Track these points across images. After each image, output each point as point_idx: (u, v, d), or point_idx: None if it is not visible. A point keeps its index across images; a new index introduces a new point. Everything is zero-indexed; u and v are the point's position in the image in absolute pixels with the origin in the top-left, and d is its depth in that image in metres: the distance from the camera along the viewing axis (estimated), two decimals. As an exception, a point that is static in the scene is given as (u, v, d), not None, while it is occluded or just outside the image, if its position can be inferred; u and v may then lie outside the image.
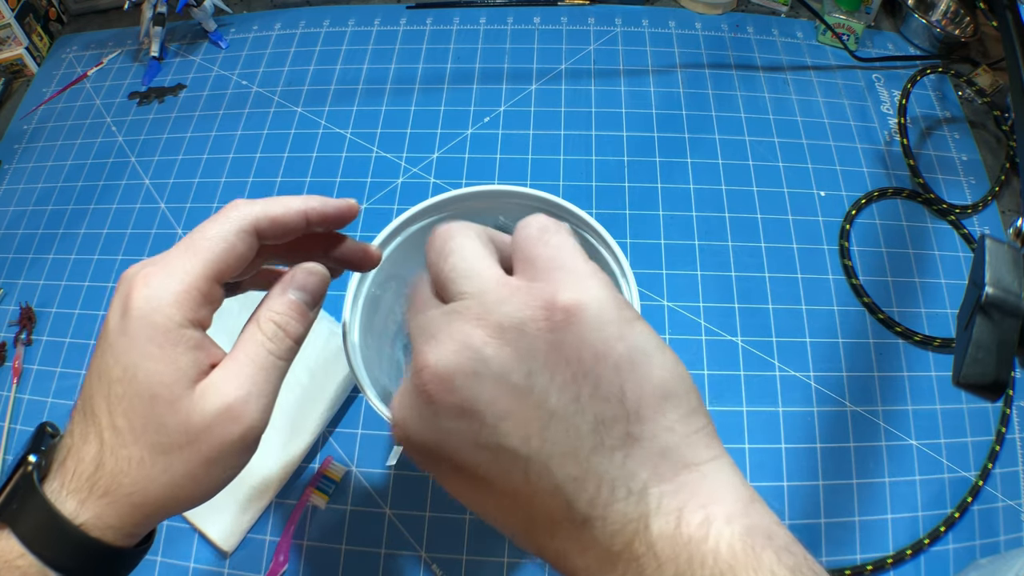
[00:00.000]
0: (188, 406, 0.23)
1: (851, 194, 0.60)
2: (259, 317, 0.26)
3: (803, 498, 0.47)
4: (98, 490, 0.23)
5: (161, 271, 0.24)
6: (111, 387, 0.23)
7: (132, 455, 0.23)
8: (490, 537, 0.46)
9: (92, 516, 0.23)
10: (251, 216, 0.26)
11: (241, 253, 0.25)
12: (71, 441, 0.24)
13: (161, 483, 0.23)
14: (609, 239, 0.38)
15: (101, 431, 0.23)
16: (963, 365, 0.29)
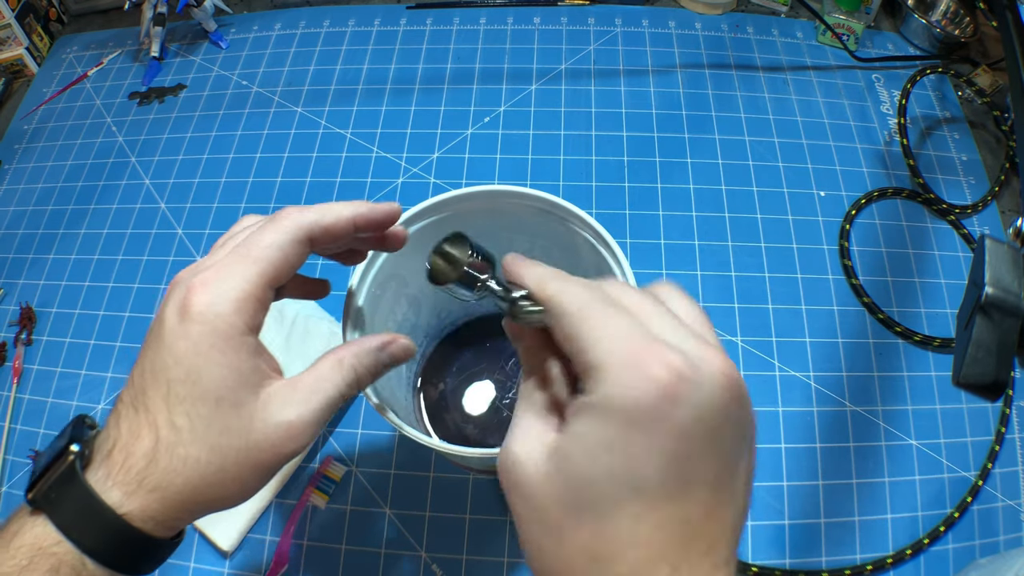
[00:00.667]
0: (251, 412, 0.24)
1: (851, 194, 0.60)
2: (343, 358, 0.27)
3: (803, 498, 0.47)
4: (148, 484, 0.23)
5: (219, 277, 0.25)
6: (170, 387, 0.24)
7: (190, 453, 0.23)
8: (490, 537, 0.46)
9: (137, 508, 0.23)
10: (305, 226, 0.26)
11: (293, 262, 0.26)
12: (118, 434, 0.24)
13: (211, 483, 0.24)
14: (609, 239, 0.37)
15: (157, 428, 0.24)
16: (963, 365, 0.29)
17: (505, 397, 0.49)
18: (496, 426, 0.48)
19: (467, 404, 0.49)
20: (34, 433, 0.52)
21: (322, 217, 0.27)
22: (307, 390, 0.26)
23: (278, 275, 0.26)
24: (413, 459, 0.49)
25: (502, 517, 0.47)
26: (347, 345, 0.28)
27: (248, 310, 0.25)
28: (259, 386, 0.25)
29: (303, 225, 0.26)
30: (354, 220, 0.28)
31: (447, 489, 0.48)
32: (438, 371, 0.50)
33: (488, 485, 0.48)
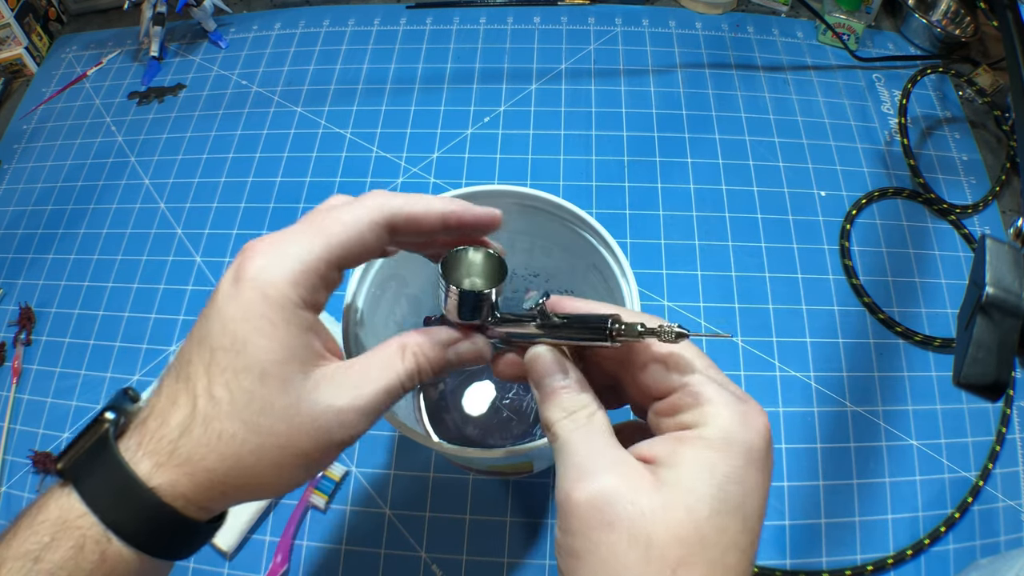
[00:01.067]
0: (299, 391, 0.22)
1: (851, 194, 0.60)
2: (407, 345, 0.25)
3: (803, 498, 0.47)
4: (178, 457, 0.21)
5: (281, 244, 0.23)
6: (213, 354, 0.22)
7: (226, 428, 0.21)
8: (490, 537, 0.46)
9: (166, 482, 0.21)
10: (389, 210, 0.24)
11: (369, 245, 0.24)
12: (156, 401, 0.22)
13: (246, 464, 0.22)
14: (609, 239, 0.37)
15: (195, 397, 0.22)
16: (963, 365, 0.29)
17: (505, 397, 0.49)
18: (496, 426, 0.48)
19: (467, 404, 0.49)
20: (33, 433, 0.52)
21: (410, 205, 0.24)
22: (364, 375, 0.23)
23: (347, 254, 0.23)
24: (413, 459, 0.49)
25: (502, 517, 0.47)
26: (413, 332, 0.25)
27: (306, 283, 0.22)
28: (311, 365, 0.23)
29: (386, 209, 0.24)
30: (444, 216, 0.25)
31: (447, 489, 0.48)
32: (438, 371, 0.50)
33: (488, 485, 0.48)
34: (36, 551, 0.20)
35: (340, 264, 0.24)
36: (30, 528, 0.21)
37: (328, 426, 0.22)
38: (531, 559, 0.46)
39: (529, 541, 0.46)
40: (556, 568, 0.45)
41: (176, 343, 0.55)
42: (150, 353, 0.55)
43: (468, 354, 0.26)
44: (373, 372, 0.24)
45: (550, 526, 0.47)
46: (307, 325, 0.23)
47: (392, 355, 0.24)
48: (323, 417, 0.22)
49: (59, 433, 0.52)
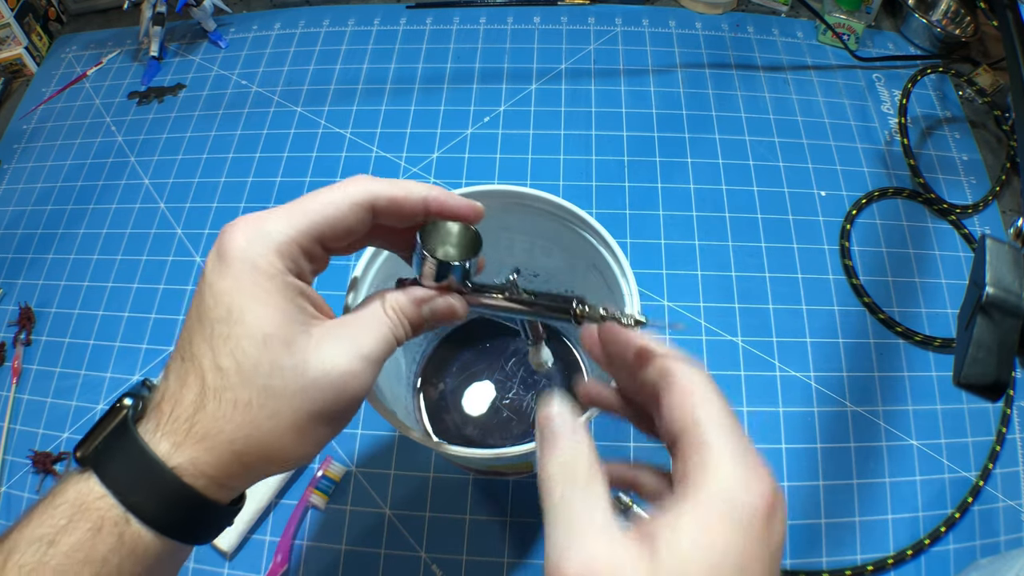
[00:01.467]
0: (305, 349, 0.22)
1: (851, 194, 0.60)
2: (386, 303, 0.25)
3: (803, 498, 0.47)
4: (196, 433, 0.21)
5: (262, 219, 0.23)
6: (213, 328, 0.22)
7: (239, 397, 0.22)
8: (490, 537, 0.46)
9: (187, 460, 0.21)
10: (370, 192, 0.25)
11: (350, 224, 0.25)
12: (166, 385, 0.23)
13: (265, 430, 0.22)
14: (609, 239, 0.37)
15: (203, 373, 0.22)
16: (964, 365, 0.29)
17: (505, 397, 0.49)
18: (496, 426, 0.48)
19: (467, 404, 0.49)
20: (33, 433, 0.52)
21: (392, 188, 0.25)
22: (360, 327, 0.24)
23: (329, 231, 0.24)
24: (413, 459, 0.49)
25: (502, 517, 0.47)
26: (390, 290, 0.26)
27: (289, 253, 0.23)
28: (308, 324, 0.23)
29: (369, 190, 0.25)
30: (425, 201, 0.26)
31: (447, 489, 0.48)
32: (438, 371, 0.50)
33: (488, 485, 0.48)
34: (51, 534, 0.20)
35: (322, 239, 0.24)
36: (46, 512, 0.20)
37: (341, 378, 0.23)
38: (531, 559, 0.46)
39: (529, 541, 0.46)
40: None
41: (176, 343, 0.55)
42: (150, 353, 0.55)
43: (442, 309, 0.27)
44: (366, 324, 0.25)
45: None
46: (298, 289, 0.23)
47: (378, 309, 0.25)
48: (334, 371, 0.23)
49: (59, 433, 0.52)
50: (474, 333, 0.51)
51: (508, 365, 0.50)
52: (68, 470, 0.22)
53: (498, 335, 0.51)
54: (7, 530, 0.21)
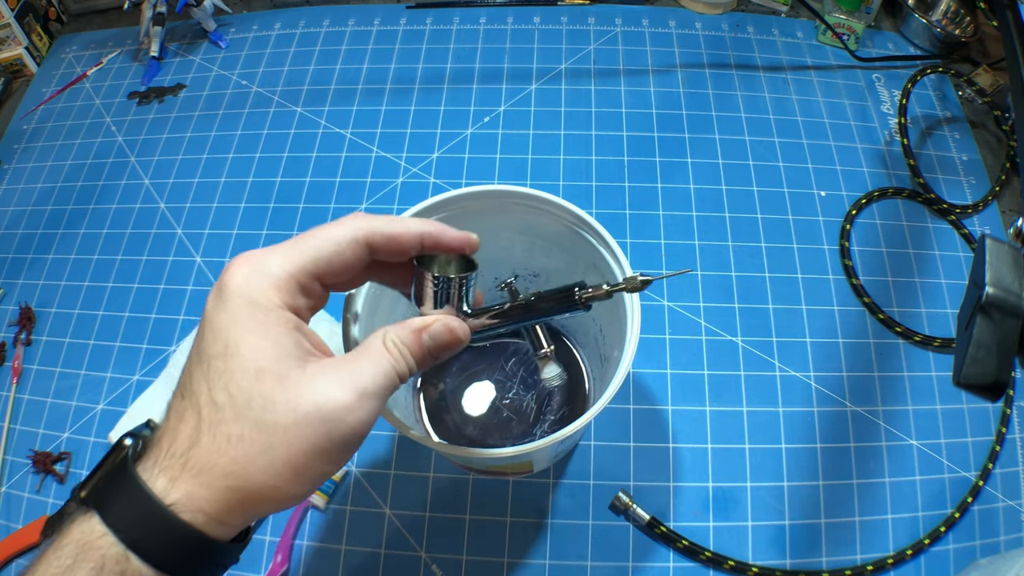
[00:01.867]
0: (298, 384, 0.22)
1: (851, 194, 0.60)
2: (386, 337, 0.26)
3: (803, 498, 0.47)
4: (192, 468, 0.21)
5: (262, 256, 0.24)
6: (210, 363, 0.22)
7: (232, 431, 0.22)
8: (490, 537, 0.46)
9: (183, 496, 0.21)
10: (367, 228, 0.26)
11: (348, 260, 0.25)
12: (166, 422, 0.23)
13: (260, 466, 0.22)
14: (609, 239, 0.37)
15: (199, 408, 0.22)
16: (963, 365, 0.29)
17: (505, 397, 0.49)
18: (496, 426, 0.48)
19: (467, 404, 0.49)
20: (33, 433, 0.52)
21: (388, 225, 0.26)
22: (358, 363, 0.24)
23: (327, 267, 0.25)
24: (413, 459, 0.49)
25: (502, 517, 0.47)
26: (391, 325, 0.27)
27: (287, 289, 0.24)
28: (304, 360, 0.23)
29: (364, 228, 0.26)
30: (420, 237, 0.27)
31: (447, 489, 0.48)
32: (438, 371, 0.50)
33: (488, 485, 0.48)
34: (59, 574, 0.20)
35: (320, 275, 0.25)
36: (54, 553, 0.21)
37: (334, 412, 0.22)
38: (531, 559, 0.46)
39: (529, 541, 0.46)
40: (556, 568, 0.45)
41: (176, 343, 0.55)
42: (150, 353, 0.55)
43: (442, 335, 0.27)
44: (364, 359, 0.24)
45: (550, 526, 0.47)
46: (294, 324, 0.24)
47: (378, 346, 0.25)
48: (327, 405, 0.22)
49: (59, 433, 0.52)
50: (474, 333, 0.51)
51: (508, 365, 0.50)
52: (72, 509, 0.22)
53: (498, 335, 0.51)
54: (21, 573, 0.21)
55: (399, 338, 0.26)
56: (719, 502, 0.47)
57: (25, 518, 0.49)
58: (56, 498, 0.49)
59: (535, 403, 0.49)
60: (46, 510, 0.49)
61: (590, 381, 0.49)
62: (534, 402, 0.49)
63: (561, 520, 0.47)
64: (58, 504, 0.48)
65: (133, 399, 0.52)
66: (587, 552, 0.46)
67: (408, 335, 0.26)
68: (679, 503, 0.47)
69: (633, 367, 0.50)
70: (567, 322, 0.50)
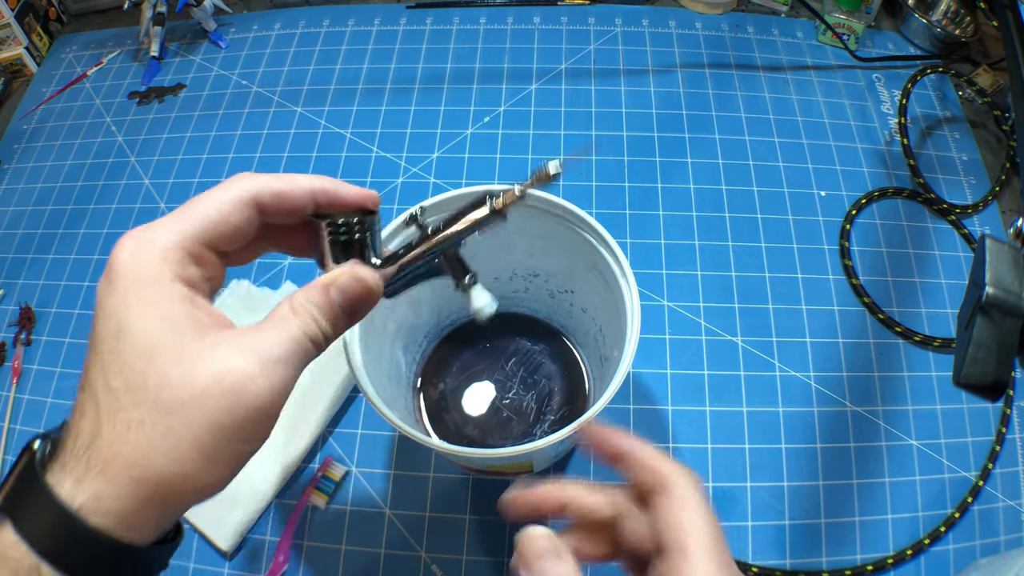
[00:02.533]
0: (196, 357, 0.21)
1: (851, 194, 0.60)
2: (293, 300, 0.24)
3: (803, 498, 0.47)
4: (95, 464, 0.20)
5: (145, 231, 0.23)
6: (104, 345, 0.21)
7: (132, 417, 0.20)
8: (490, 537, 0.46)
9: (89, 497, 0.20)
10: (252, 187, 0.24)
11: (236, 223, 0.24)
12: (71, 421, 0.21)
13: (163, 451, 0.20)
14: (609, 239, 0.37)
15: (97, 398, 0.21)
16: (963, 365, 0.29)
17: (505, 397, 0.49)
18: (496, 426, 0.48)
19: (467, 404, 0.49)
20: (33, 433, 0.52)
21: (275, 181, 0.24)
22: (263, 331, 0.23)
23: (215, 233, 0.23)
24: (413, 459, 0.49)
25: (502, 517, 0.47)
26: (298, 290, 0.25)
27: (175, 259, 0.22)
28: (201, 333, 0.22)
29: (249, 187, 0.24)
30: (312, 193, 0.25)
31: (447, 489, 0.48)
32: (438, 371, 0.50)
33: (488, 485, 0.48)
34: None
35: (209, 242, 0.23)
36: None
37: (237, 381, 0.21)
38: (531, 559, 0.46)
39: (529, 541, 0.46)
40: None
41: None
42: (150, 353, 0.55)
43: (351, 287, 0.25)
44: (270, 327, 0.23)
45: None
46: (186, 297, 0.22)
47: (283, 312, 0.24)
48: (228, 376, 0.21)
49: (59, 433, 0.52)
50: (474, 333, 0.51)
51: (508, 365, 0.50)
52: None
53: (498, 335, 0.51)
54: None
55: (306, 298, 0.24)
56: (719, 502, 0.47)
57: (25, 518, 0.49)
58: (56, 498, 0.49)
59: (535, 403, 0.49)
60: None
61: (590, 381, 0.49)
62: (534, 402, 0.49)
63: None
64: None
65: (133, 399, 0.52)
66: (587, 552, 0.46)
67: (315, 294, 0.24)
68: (679, 503, 0.47)
69: (633, 367, 0.50)
70: (567, 322, 0.50)
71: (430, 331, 0.49)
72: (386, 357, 0.42)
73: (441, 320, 0.50)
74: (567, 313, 0.49)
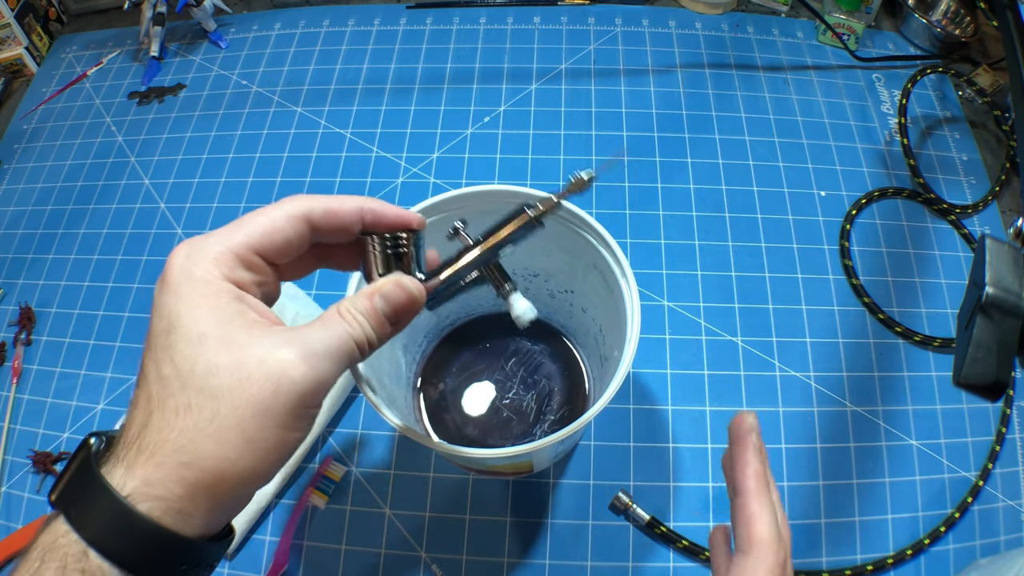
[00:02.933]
0: (243, 346, 0.22)
1: (851, 194, 0.60)
2: (340, 306, 0.25)
3: (803, 498, 0.47)
4: (144, 450, 0.21)
5: (200, 238, 0.24)
6: (157, 341, 0.23)
7: (180, 402, 0.21)
8: (490, 537, 0.46)
9: (140, 483, 0.20)
10: (305, 204, 0.26)
11: (287, 235, 0.25)
12: (127, 416, 0.23)
13: (209, 434, 0.21)
14: (609, 239, 0.37)
15: (149, 387, 0.22)
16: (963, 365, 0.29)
17: (505, 397, 0.49)
18: (496, 426, 0.48)
19: (467, 404, 0.49)
20: (33, 433, 0.52)
21: (326, 200, 0.26)
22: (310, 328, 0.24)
23: (267, 243, 0.25)
24: (413, 459, 0.49)
25: (502, 517, 0.47)
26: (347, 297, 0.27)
27: (226, 262, 0.24)
28: (249, 326, 0.23)
29: (302, 204, 0.26)
30: (360, 211, 0.27)
31: (447, 489, 0.48)
32: (438, 371, 0.50)
33: (488, 485, 0.48)
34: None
35: (259, 249, 0.25)
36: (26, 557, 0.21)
37: (279, 368, 0.22)
38: (531, 559, 0.46)
39: (529, 541, 0.46)
40: (556, 568, 0.45)
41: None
42: (150, 353, 0.55)
43: (395, 294, 0.26)
44: (317, 326, 0.24)
45: (550, 526, 0.47)
46: (235, 294, 0.24)
47: (330, 315, 0.25)
48: (272, 359, 0.22)
49: (59, 433, 0.52)
50: (474, 333, 0.51)
51: (508, 365, 0.50)
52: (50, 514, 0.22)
53: (498, 335, 0.51)
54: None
55: (352, 304, 0.26)
56: (719, 502, 0.47)
57: (25, 518, 0.49)
58: (56, 498, 0.49)
59: (535, 403, 0.49)
60: (46, 510, 0.49)
61: (590, 381, 0.49)
62: (534, 402, 0.49)
63: (561, 520, 0.47)
64: (58, 504, 0.48)
65: (133, 399, 0.52)
66: (587, 552, 0.46)
67: (361, 300, 0.26)
68: (679, 503, 0.47)
69: (633, 367, 0.50)
70: (567, 322, 0.50)
71: (430, 331, 0.49)
72: (386, 357, 0.42)
73: (441, 320, 0.50)
74: (567, 313, 0.49)
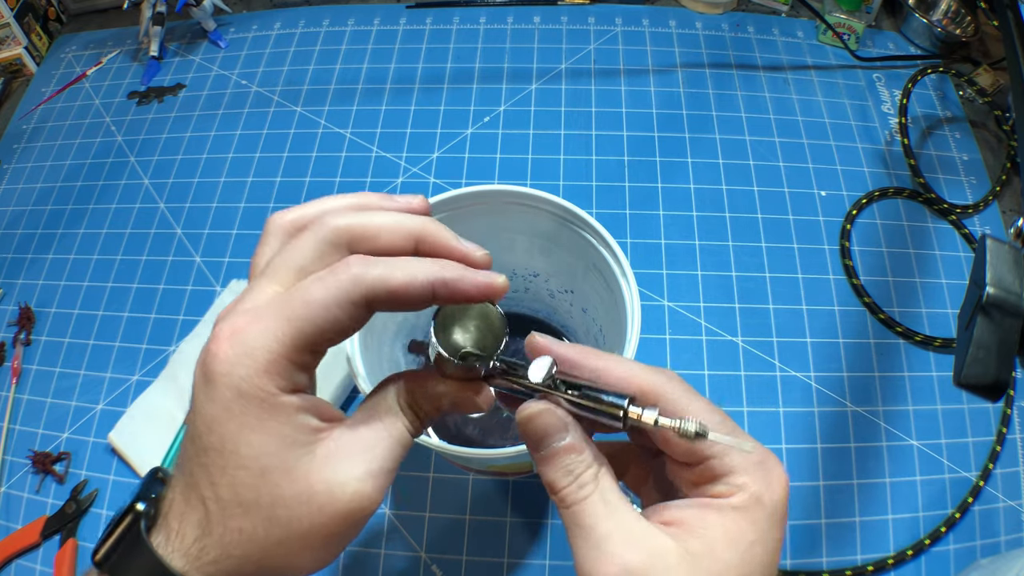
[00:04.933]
0: (308, 473, 0.21)
1: (852, 194, 0.60)
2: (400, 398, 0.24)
3: (804, 498, 0.47)
4: (207, 555, 0.21)
5: (244, 335, 0.21)
6: (207, 455, 0.21)
7: (244, 527, 0.21)
8: (490, 537, 0.46)
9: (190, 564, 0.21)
10: (364, 285, 0.21)
11: (343, 325, 0.22)
12: (173, 496, 0.22)
13: (276, 555, 0.21)
14: (609, 239, 0.37)
15: (204, 500, 0.21)
16: (964, 365, 0.29)
17: (505, 397, 0.49)
18: (496, 426, 0.48)
19: (467, 404, 0.49)
20: (33, 433, 0.52)
21: (390, 276, 0.22)
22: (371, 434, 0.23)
23: (319, 337, 0.21)
24: (413, 459, 0.49)
25: (502, 517, 0.47)
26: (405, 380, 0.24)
27: (279, 371, 0.21)
28: (312, 444, 0.21)
29: (361, 284, 0.21)
30: (432, 287, 0.22)
31: (447, 489, 0.48)
32: (438, 371, 0.50)
33: (488, 485, 0.48)
34: None
35: (313, 347, 0.22)
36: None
37: (351, 501, 0.21)
38: (531, 559, 0.46)
39: (529, 541, 0.46)
40: (556, 568, 0.45)
41: (176, 343, 0.55)
42: (150, 353, 0.55)
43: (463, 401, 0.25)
44: (378, 428, 0.23)
45: (550, 526, 0.47)
46: (294, 408, 0.21)
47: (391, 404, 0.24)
48: (344, 495, 0.21)
49: (59, 433, 0.52)
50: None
51: (508, 365, 0.50)
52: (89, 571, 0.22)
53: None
54: None
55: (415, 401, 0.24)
56: (719, 502, 0.47)
57: (24, 518, 0.49)
58: (55, 498, 0.49)
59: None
60: (45, 510, 0.49)
61: (590, 381, 0.49)
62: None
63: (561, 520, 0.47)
64: (57, 504, 0.48)
65: (133, 399, 0.52)
66: (587, 552, 0.46)
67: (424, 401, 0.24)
68: (679, 503, 0.47)
69: (633, 367, 0.50)
70: (567, 322, 0.50)
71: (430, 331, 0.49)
72: (386, 357, 0.42)
73: (441, 320, 0.50)
74: (567, 313, 0.48)
